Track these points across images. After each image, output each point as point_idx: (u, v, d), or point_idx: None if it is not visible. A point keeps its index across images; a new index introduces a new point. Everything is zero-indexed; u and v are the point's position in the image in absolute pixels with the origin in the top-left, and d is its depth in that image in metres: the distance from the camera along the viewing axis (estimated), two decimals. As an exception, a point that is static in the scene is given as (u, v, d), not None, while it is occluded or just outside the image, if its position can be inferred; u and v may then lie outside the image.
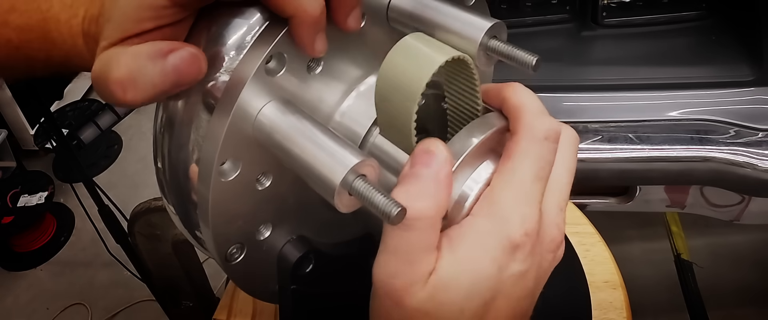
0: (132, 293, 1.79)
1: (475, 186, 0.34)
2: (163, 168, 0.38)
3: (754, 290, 1.50)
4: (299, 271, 0.40)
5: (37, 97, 1.34)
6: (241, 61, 0.32)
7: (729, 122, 0.93)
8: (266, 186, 0.36)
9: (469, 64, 0.33)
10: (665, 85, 0.99)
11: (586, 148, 0.93)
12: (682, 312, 1.28)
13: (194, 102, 0.35)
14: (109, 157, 2.35)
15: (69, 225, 2.10)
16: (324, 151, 0.31)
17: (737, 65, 0.98)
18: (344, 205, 0.30)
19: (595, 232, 0.70)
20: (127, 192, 2.11)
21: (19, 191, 1.98)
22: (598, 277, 0.64)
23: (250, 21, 0.33)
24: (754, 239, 1.58)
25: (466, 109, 0.36)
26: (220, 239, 0.36)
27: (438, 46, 0.33)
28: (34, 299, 1.89)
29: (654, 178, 0.96)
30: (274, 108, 0.33)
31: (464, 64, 0.33)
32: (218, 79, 0.35)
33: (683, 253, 1.34)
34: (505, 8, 1.14)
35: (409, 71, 0.31)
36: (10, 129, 2.15)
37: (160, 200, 0.85)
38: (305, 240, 0.41)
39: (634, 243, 1.63)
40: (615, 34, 1.12)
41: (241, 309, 0.67)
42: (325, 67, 0.36)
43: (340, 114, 0.38)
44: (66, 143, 1.32)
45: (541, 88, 1.02)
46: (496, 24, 0.33)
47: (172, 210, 0.40)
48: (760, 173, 0.89)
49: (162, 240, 1.01)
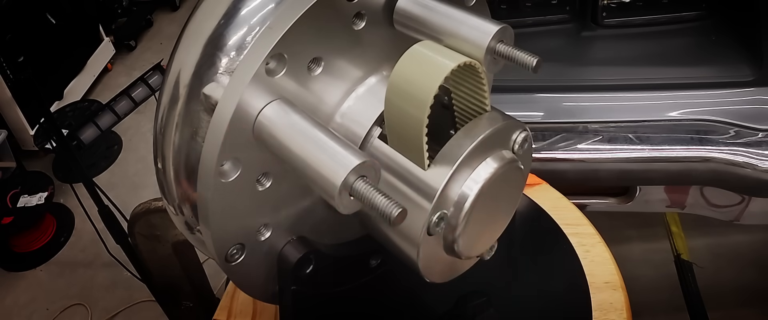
0: (132, 293, 1.79)
1: (474, 187, 0.34)
2: (163, 168, 0.38)
3: (754, 290, 1.50)
4: (300, 272, 0.40)
5: (37, 97, 1.34)
6: (242, 61, 0.32)
7: (729, 122, 0.93)
8: (267, 187, 0.36)
9: (478, 69, 0.33)
10: (665, 85, 0.99)
11: (586, 148, 0.93)
12: (682, 312, 1.27)
13: (195, 103, 0.35)
14: (109, 157, 2.35)
15: (69, 225, 2.10)
16: (325, 152, 0.31)
17: (737, 65, 0.98)
18: (345, 206, 0.30)
19: (595, 233, 0.70)
20: (127, 192, 2.11)
21: (18, 191, 1.98)
22: (598, 278, 0.64)
23: (251, 21, 0.33)
24: (754, 239, 1.57)
25: (475, 111, 0.36)
26: (220, 240, 0.36)
27: (447, 53, 0.33)
28: (33, 299, 1.89)
29: (654, 179, 0.96)
30: (275, 108, 0.33)
31: (472, 68, 0.33)
32: (219, 79, 0.35)
33: (683, 253, 1.34)
34: (505, 8, 1.14)
35: (418, 79, 0.31)
36: (10, 129, 2.15)
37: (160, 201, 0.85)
38: (305, 240, 0.40)
39: (634, 244, 1.63)
40: (615, 35, 1.12)
41: (241, 310, 0.67)
42: (326, 68, 0.36)
43: (340, 115, 0.38)
44: (66, 143, 1.32)
45: (541, 88, 1.02)
46: (502, 28, 0.33)
47: (172, 210, 0.40)
48: (760, 173, 0.89)
49: (162, 240, 1.01)
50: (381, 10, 0.37)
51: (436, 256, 0.37)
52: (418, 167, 0.34)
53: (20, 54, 1.96)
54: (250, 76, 0.32)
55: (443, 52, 0.33)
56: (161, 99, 0.38)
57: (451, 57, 0.32)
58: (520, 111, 0.99)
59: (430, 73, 0.31)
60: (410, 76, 0.32)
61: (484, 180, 0.35)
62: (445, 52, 0.33)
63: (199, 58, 0.36)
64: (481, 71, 0.33)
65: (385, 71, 0.39)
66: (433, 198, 0.33)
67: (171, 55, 0.38)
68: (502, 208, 0.40)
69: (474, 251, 0.38)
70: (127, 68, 2.82)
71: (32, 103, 2.02)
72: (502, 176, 0.36)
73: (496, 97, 0.45)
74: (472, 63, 0.32)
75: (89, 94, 2.62)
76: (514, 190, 0.40)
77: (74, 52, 2.54)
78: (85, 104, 2.46)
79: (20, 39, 2.14)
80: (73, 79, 2.50)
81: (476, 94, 0.35)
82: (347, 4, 0.35)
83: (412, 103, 0.32)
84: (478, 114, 0.36)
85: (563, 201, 0.74)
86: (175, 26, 3.09)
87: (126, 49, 2.93)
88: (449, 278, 0.40)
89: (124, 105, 1.68)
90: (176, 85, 0.36)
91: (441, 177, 0.33)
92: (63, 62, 2.45)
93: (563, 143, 0.93)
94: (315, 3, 0.33)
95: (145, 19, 3.05)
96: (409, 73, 0.32)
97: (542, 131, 0.96)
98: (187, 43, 0.37)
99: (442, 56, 0.32)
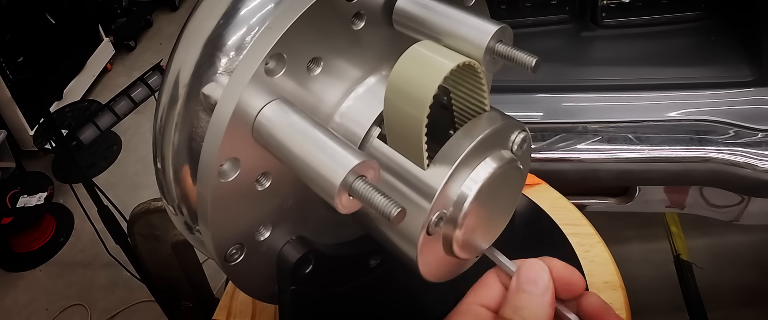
0: (131, 294, 1.79)
1: (473, 186, 0.34)
2: (162, 168, 0.38)
3: (754, 290, 1.50)
4: (299, 272, 0.40)
5: (37, 97, 1.34)
6: (241, 61, 0.32)
7: (728, 122, 0.93)
8: (266, 186, 0.36)
9: (477, 69, 0.33)
10: (665, 85, 0.99)
11: (585, 148, 0.93)
12: (682, 312, 1.27)
13: (194, 103, 0.35)
14: (109, 157, 2.35)
15: (68, 225, 2.10)
16: (324, 152, 0.31)
17: (737, 65, 0.98)
18: (344, 206, 0.30)
19: (594, 233, 0.70)
20: (127, 192, 2.11)
21: (18, 192, 1.98)
22: (597, 278, 0.64)
23: (250, 21, 0.33)
24: (754, 239, 1.58)
25: (474, 111, 0.36)
26: (219, 240, 0.36)
27: (446, 52, 0.33)
28: (33, 300, 1.89)
29: (653, 179, 0.96)
30: (274, 108, 0.33)
31: (471, 68, 0.33)
32: (218, 79, 0.35)
33: (683, 254, 1.34)
34: (505, 9, 1.14)
35: (418, 79, 0.32)
36: (9, 129, 2.15)
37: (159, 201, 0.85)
38: (305, 240, 0.40)
39: (634, 244, 1.63)
40: (614, 35, 1.12)
41: (240, 310, 0.67)
42: (325, 67, 0.36)
43: (339, 115, 0.38)
44: (65, 144, 1.32)
45: (541, 89, 1.02)
46: (501, 28, 0.33)
47: (171, 210, 0.40)
48: (760, 173, 0.89)
49: (161, 240, 1.01)
50: (380, 10, 0.37)
51: (435, 256, 0.37)
52: (418, 167, 0.34)
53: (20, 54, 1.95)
54: (250, 76, 0.32)
55: (443, 52, 0.33)
56: (160, 99, 0.38)
57: (450, 57, 0.32)
58: (519, 111, 0.99)
59: (429, 72, 0.31)
60: (409, 75, 0.32)
61: (483, 179, 0.35)
62: (445, 51, 0.33)
63: (198, 58, 0.36)
64: (480, 71, 0.33)
65: (385, 71, 0.39)
66: (432, 197, 0.33)
67: (170, 55, 0.38)
68: (501, 208, 0.40)
69: (473, 251, 0.38)
70: (127, 68, 2.83)
71: (32, 103, 2.02)
72: (502, 176, 0.36)
73: (496, 97, 0.45)
74: (472, 63, 0.32)
75: (89, 94, 2.62)
76: (514, 190, 0.40)
77: (74, 52, 2.54)
78: (84, 104, 2.46)
79: (20, 39, 2.14)
80: (72, 80, 2.50)
81: (476, 94, 0.35)
82: (346, 4, 0.35)
83: (412, 102, 0.32)
84: (477, 114, 0.36)
85: (563, 202, 0.74)
86: (174, 26, 3.09)
87: (125, 49, 2.94)
88: (448, 278, 0.40)
89: (124, 105, 1.68)
90: (175, 85, 0.36)
91: (440, 177, 0.33)
92: (62, 62, 2.45)
93: (563, 143, 0.93)
94: (314, 3, 0.33)
95: (145, 19, 3.05)
96: (408, 72, 0.32)
97: (542, 131, 0.96)
98: (186, 43, 0.37)
99: (442, 56, 0.32)
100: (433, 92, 0.31)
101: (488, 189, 0.35)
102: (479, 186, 0.34)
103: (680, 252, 1.34)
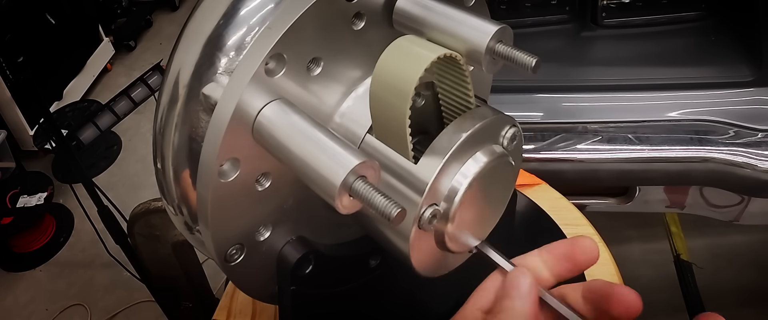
0: (131, 294, 1.79)
1: (464, 181, 0.35)
2: (162, 168, 0.38)
3: (754, 290, 1.50)
4: (299, 272, 0.40)
5: (37, 97, 1.34)
6: (241, 61, 0.32)
7: (728, 123, 0.93)
8: (266, 187, 0.36)
9: (459, 61, 0.33)
10: (665, 85, 0.99)
11: (585, 148, 0.93)
12: (682, 312, 1.27)
13: (194, 103, 0.35)
14: (109, 157, 2.35)
15: (68, 225, 2.10)
16: (324, 153, 0.31)
17: (737, 66, 0.98)
18: (344, 206, 0.30)
19: (594, 233, 0.70)
20: (127, 192, 2.11)
21: (18, 192, 1.98)
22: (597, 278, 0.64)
23: (250, 21, 0.33)
24: (754, 239, 1.58)
25: (459, 105, 0.36)
26: (219, 240, 0.36)
27: (428, 45, 0.33)
28: (33, 300, 1.89)
29: (653, 179, 0.96)
30: (275, 108, 0.33)
31: (454, 61, 0.33)
32: (218, 79, 0.35)
33: (683, 254, 1.34)
34: (505, 9, 1.14)
35: (400, 70, 0.32)
36: (9, 130, 2.15)
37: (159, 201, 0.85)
38: (305, 240, 0.40)
39: (634, 244, 1.63)
40: (614, 35, 1.12)
41: (240, 310, 0.67)
42: (325, 68, 0.36)
43: (339, 115, 0.38)
44: (65, 144, 1.32)
45: (541, 89, 1.02)
46: (501, 28, 0.33)
47: (171, 211, 0.40)
48: (760, 173, 0.89)
49: (161, 241, 1.01)
50: (380, 10, 0.37)
51: (427, 250, 0.37)
52: (408, 161, 0.34)
53: (20, 54, 1.96)
54: (250, 76, 0.32)
55: (425, 45, 0.34)
56: (160, 99, 0.38)
57: (432, 49, 0.33)
58: (519, 111, 0.99)
59: (411, 64, 0.32)
60: (392, 67, 0.33)
61: (473, 174, 0.35)
62: (427, 44, 0.34)
63: (198, 58, 0.36)
64: (462, 63, 0.33)
65: (385, 71, 0.39)
66: (423, 191, 0.33)
67: (170, 55, 0.38)
68: (494, 203, 0.40)
69: (465, 245, 0.38)
70: (127, 68, 2.83)
71: (32, 104, 2.02)
72: (492, 170, 0.36)
73: (496, 97, 0.46)
74: (453, 55, 0.33)
75: (89, 94, 2.62)
76: (506, 185, 0.41)
77: (74, 52, 2.54)
78: (84, 104, 2.46)
79: (20, 39, 2.14)
80: (72, 80, 2.50)
81: (460, 87, 0.35)
82: (346, 4, 0.35)
83: (395, 93, 0.32)
84: (462, 108, 0.36)
85: (563, 202, 0.74)
86: (174, 26, 3.09)
87: (125, 49, 2.93)
88: (443, 272, 0.40)
89: (124, 105, 1.68)
90: (175, 85, 0.36)
91: (431, 171, 0.33)
92: (62, 62, 2.45)
93: (563, 143, 0.93)
94: (314, 3, 0.33)
95: (145, 19, 3.05)
96: (391, 65, 0.33)
97: (542, 131, 0.96)
98: (186, 43, 0.37)
99: (424, 48, 0.33)
100: (414, 83, 0.31)
101: (479, 184, 0.35)
102: (470, 180, 0.34)
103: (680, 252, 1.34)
